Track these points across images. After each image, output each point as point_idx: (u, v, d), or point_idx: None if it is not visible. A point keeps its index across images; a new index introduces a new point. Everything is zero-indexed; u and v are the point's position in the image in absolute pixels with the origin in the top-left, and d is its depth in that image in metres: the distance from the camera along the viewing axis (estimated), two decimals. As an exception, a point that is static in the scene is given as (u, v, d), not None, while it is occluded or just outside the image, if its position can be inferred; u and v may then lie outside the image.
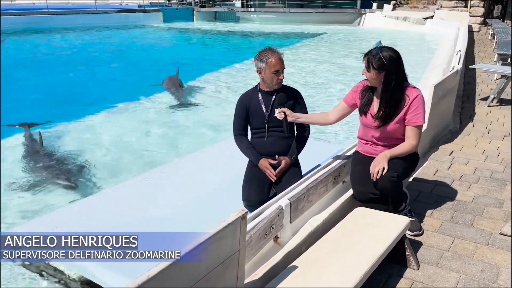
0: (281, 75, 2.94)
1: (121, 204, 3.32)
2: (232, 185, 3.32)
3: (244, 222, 1.71)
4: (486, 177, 3.70)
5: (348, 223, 2.46)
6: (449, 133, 4.98)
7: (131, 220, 3.08)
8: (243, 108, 3.08)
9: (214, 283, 1.66)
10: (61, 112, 6.85)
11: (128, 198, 3.40)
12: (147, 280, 1.31)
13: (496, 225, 2.90)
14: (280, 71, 2.93)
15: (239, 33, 20.03)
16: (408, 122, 2.66)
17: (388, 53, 2.56)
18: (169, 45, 16.83)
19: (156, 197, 3.42)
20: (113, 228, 2.94)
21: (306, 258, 2.13)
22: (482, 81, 7.99)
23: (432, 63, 9.52)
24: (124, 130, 6.10)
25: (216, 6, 27.69)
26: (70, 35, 17.87)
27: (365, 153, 2.86)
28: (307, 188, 2.61)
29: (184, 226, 2.96)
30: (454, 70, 5.11)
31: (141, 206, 3.24)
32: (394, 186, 2.61)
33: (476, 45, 13.48)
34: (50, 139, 5.58)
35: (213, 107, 7.21)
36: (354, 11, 22.39)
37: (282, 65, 2.93)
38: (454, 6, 19.07)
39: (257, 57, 2.98)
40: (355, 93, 2.82)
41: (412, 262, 2.44)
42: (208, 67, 10.74)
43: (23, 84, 9.21)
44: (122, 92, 8.36)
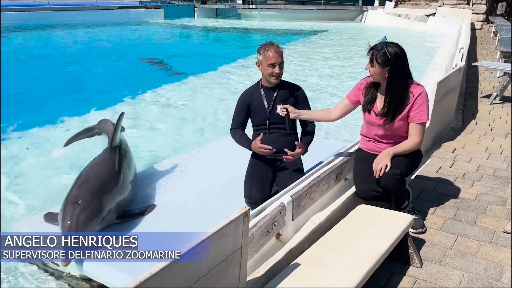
0: (277, 68, 2.90)
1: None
2: (234, 182, 3.31)
3: (247, 219, 1.70)
4: (489, 175, 3.68)
5: (350, 221, 2.44)
6: (451, 130, 4.96)
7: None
8: (244, 105, 3.06)
9: (217, 280, 1.65)
10: (58, 108, 6.83)
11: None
12: (150, 277, 1.30)
13: (499, 223, 2.88)
14: (276, 64, 2.89)
15: (240, 30, 19.98)
16: (411, 119, 2.64)
17: (393, 49, 2.54)
18: (170, 41, 16.79)
19: (157, 196, 3.40)
20: (114, 226, 2.93)
21: (308, 256, 2.12)
22: (485, 79, 7.96)
23: (434, 60, 9.47)
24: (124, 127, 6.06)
25: (217, 3, 27.64)
26: (71, 32, 17.84)
27: (368, 150, 2.85)
28: (309, 186, 2.60)
29: (186, 223, 2.94)
30: (457, 67, 5.08)
31: (142, 205, 3.23)
32: (397, 183, 2.59)
33: (479, 43, 13.43)
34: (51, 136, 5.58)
35: (213, 104, 7.18)
36: (355, 8, 22.32)
37: (278, 58, 2.89)
38: (456, 4, 19.00)
39: (257, 50, 2.97)
40: (358, 90, 2.80)
41: (415, 260, 2.43)
42: (210, 64, 10.70)
43: (25, 80, 9.20)
44: (122, 88, 8.34)
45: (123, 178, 3.20)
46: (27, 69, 10.45)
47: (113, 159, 3.32)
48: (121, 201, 3.05)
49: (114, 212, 2.93)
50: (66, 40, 15.54)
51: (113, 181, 3.08)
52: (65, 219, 2.58)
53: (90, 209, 2.67)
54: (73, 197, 2.75)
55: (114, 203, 2.93)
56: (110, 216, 2.87)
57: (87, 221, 2.60)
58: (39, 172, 4.51)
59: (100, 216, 2.73)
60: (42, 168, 4.61)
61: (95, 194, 2.80)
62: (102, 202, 2.79)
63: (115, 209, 2.93)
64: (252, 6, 25.51)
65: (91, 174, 3.10)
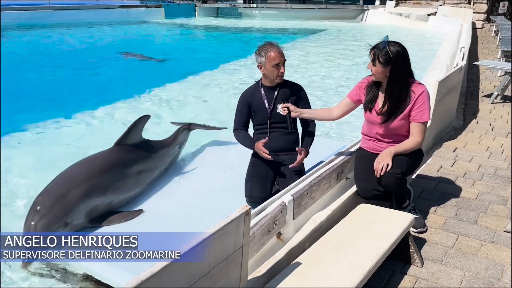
0: (281, 68, 2.91)
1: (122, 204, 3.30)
2: (235, 181, 3.31)
3: (248, 218, 1.70)
4: (490, 174, 3.68)
5: (351, 220, 2.44)
6: (452, 130, 4.96)
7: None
8: (245, 104, 3.06)
9: (218, 279, 1.65)
10: (58, 109, 6.82)
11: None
12: (151, 276, 1.30)
13: (500, 222, 2.88)
14: (281, 64, 2.90)
15: (241, 29, 19.96)
16: (413, 118, 2.64)
17: (395, 48, 2.54)
18: (171, 41, 16.78)
19: (157, 195, 3.41)
20: (114, 226, 2.93)
21: (309, 255, 2.12)
22: (486, 78, 7.95)
23: (435, 59, 9.46)
24: (124, 126, 6.05)
25: (218, 2, 27.62)
26: (71, 31, 17.82)
27: (369, 149, 2.84)
28: (310, 185, 2.59)
29: (187, 222, 2.95)
30: (458, 66, 5.07)
31: (142, 205, 3.23)
32: (398, 182, 2.59)
33: (480, 42, 13.42)
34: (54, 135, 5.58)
35: (214, 103, 7.17)
36: (356, 7, 22.28)
37: (282, 58, 2.89)
38: (457, 3, 18.97)
39: (256, 52, 2.96)
40: (359, 89, 2.80)
41: (416, 259, 2.43)
42: (210, 63, 10.68)
43: (25, 80, 9.20)
44: (122, 87, 8.33)
45: (106, 180, 3.06)
46: (27, 69, 10.44)
47: (102, 159, 3.21)
48: (98, 205, 2.97)
49: (85, 217, 2.89)
50: (67, 39, 15.53)
51: (88, 183, 2.96)
52: (25, 227, 2.69)
53: (49, 216, 2.71)
54: (35, 203, 2.80)
55: (85, 207, 2.88)
56: (78, 221, 2.85)
57: (45, 229, 2.66)
58: (39, 172, 4.51)
59: (60, 223, 2.74)
60: (42, 168, 4.60)
61: (57, 200, 2.79)
62: (65, 208, 2.77)
63: (86, 214, 2.89)
64: (252, 5, 25.49)
65: (65, 175, 3.04)
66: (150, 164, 3.51)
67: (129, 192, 3.28)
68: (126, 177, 3.24)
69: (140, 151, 3.48)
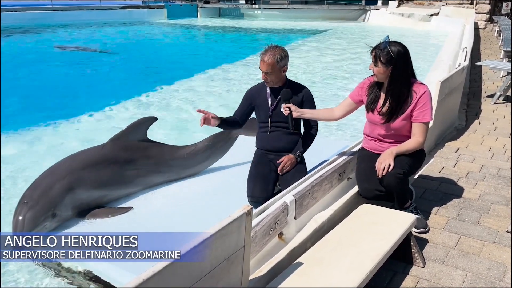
0: (263, 75, 2.94)
1: (122, 201, 3.31)
2: (237, 181, 3.31)
3: (250, 218, 1.70)
4: (492, 174, 3.67)
5: (353, 220, 2.44)
6: (454, 130, 4.95)
7: (133, 217, 3.08)
8: (248, 98, 3.12)
9: (219, 279, 1.65)
10: (60, 109, 6.84)
11: (130, 196, 3.39)
12: (152, 275, 1.30)
13: (502, 223, 2.87)
14: (263, 72, 2.92)
15: (243, 29, 19.96)
16: (415, 118, 2.63)
17: (396, 48, 2.54)
18: (173, 41, 16.80)
19: (157, 195, 3.41)
20: (115, 225, 2.93)
21: (311, 255, 2.12)
22: (488, 78, 7.93)
23: (438, 60, 9.45)
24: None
25: (220, 3, 27.65)
26: (74, 31, 17.87)
27: (370, 149, 2.84)
28: (312, 185, 2.59)
29: (188, 222, 2.95)
30: (460, 67, 5.06)
31: (142, 204, 3.23)
32: (400, 183, 2.59)
33: (482, 42, 13.38)
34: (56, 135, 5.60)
35: (215, 103, 7.18)
36: (358, 7, 22.25)
37: (264, 68, 2.91)
38: (460, 3, 18.94)
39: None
40: (361, 90, 2.79)
41: (418, 259, 2.42)
42: (212, 63, 10.70)
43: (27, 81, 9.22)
44: (125, 88, 8.34)
45: (92, 174, 3.10)
46: (27, 68, 10.46)
47: (91, 153, 3.25)
48: (85, 198, 3.04)
49: (72, 209, 2.98)
50: (68, 39, 15.56)
51: (72, 176, 3.03)
52: (13, 219, 2.78)
53: (36, 208, 2.80)
54: (23, 197, 2.89)
55: (71, 200, 2.96)
56: (66, 213, 2.95)
57: (33, 220, 2.75)
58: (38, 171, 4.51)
59: (48, 215, 2.83)
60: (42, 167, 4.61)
61: (43, 192, 2.88)
62: (51, 200, 2.86)
63: (74, 206, 2.98)
64: (255, 5, 25.52)
65: (52, 168, 3.12)
66: (149, 166, 3.48)
67: (121, 188, 3.31)
68: (116, 173, 3.26)
69: (137, 151, 3.46)
